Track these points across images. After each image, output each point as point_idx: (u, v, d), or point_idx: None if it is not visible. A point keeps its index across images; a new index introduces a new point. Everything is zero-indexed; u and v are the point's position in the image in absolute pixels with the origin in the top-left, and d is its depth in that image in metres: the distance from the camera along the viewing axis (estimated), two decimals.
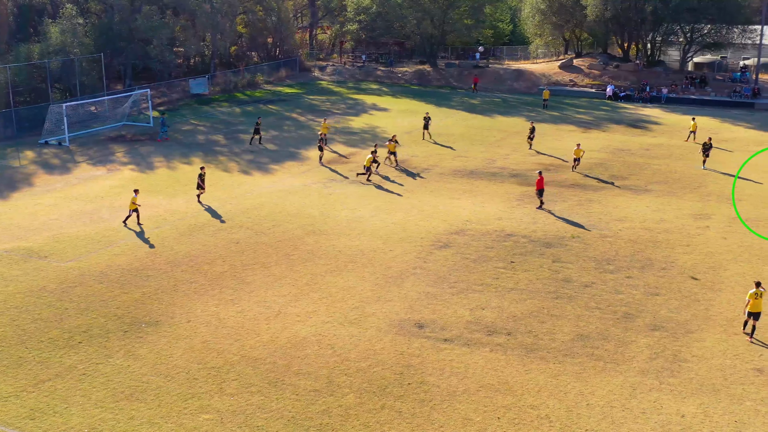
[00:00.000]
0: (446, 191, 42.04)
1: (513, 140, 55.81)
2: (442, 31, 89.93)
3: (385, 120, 63.56)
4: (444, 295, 28.24)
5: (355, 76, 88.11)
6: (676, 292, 28.68)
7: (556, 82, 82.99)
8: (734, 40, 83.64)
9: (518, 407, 20.92)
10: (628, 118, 66.20)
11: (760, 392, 21.74)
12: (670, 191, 42.40)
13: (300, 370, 22.71)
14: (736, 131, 60.48)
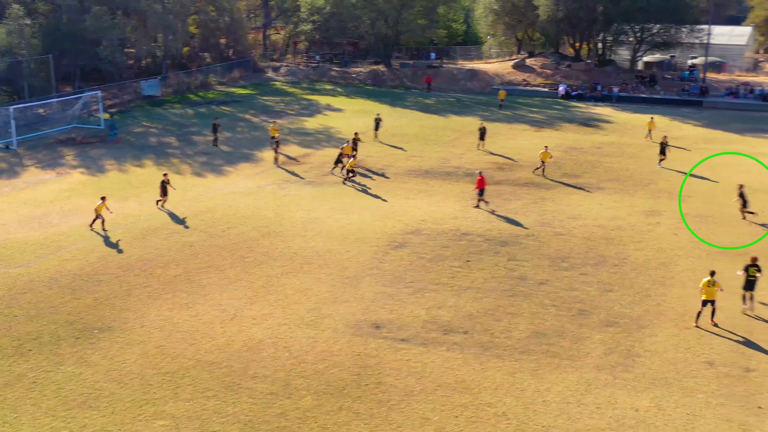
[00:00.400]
0: (401, 191, 42.08)
1: (467, 140, 56.08)
2: (396, 31, 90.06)
3: (339, 120, 63.41)
4: (400, 295, 28.24)
5: (310, 77, 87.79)
6: (629, 288, 29.06)
7: (509, 82, 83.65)
8: (682, 40, 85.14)
9: (475, 405, 20.99)
10: (580, 117, 66.99)
11: (711, 384, 22.12)
12: (622, 189, 42.99)
13: (256, 374, 22.51)
14: (686, 129, 61.57)
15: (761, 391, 21.77)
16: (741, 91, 77.09)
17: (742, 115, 69.36)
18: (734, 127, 62.91)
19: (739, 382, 22.28)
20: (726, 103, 74.13)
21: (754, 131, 61.10)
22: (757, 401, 21.27)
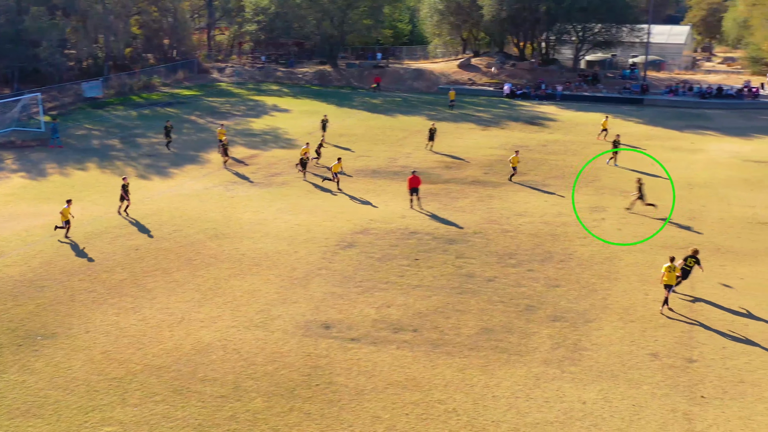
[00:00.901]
0: (350, 191, 42.06)
1: (415, 139, 56.33)
2: (342, 31, 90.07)
3: (286, 121, 63.16)
4: (350, 294, 28.23)
5: (255, 77, 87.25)
6: (575, 283, 29.49)
7: (455, 81, 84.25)
8: (623, 39, 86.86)
9: (426, 402, 21.10)
10: (525, 116, 67.80)
11: (655, 376, 22.57)
12: (568, 186, 43.62)
13: (205, 377, 22.28)
14: (627, 126, 62.73)
15: (704, 381, 22.28)
16: (680, 89, 78.85)
17: (681, 112, 70.96)
18: (674, 124, 64.34)
19: (682, 373, 22.77)
20: (666, 101, 75.77)
21: (694, 128, 62.56)
22: (699, 391, 21.77)
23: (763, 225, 36.61)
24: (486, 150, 52.82)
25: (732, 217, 37.85)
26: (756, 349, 24.20)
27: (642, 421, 20.24)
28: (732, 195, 41.86)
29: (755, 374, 22.68)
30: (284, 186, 43.02)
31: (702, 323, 26.05)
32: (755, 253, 32.87)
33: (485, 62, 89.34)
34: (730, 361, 23.49)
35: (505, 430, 19.83)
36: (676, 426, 20.05)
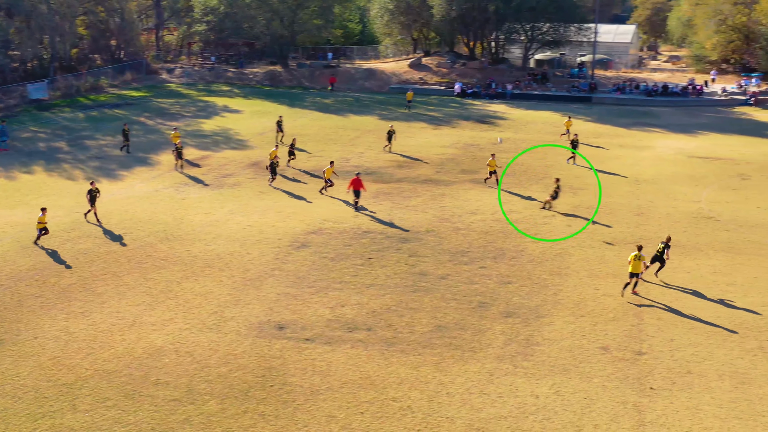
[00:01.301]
0: (302, 191, 41.94)
1: (367, 138, 56.39)
2: (292, 31, 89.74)
3: (237, 122, 62.71)
4: (303, 294, 28.17)
5: (205, 78, 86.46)
6: (526, 279, 29.83)
7: (406, 81, 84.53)
8: (571, 38, 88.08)
9: (381, 401, 21.16)
10: (476, 114, 68.31)
11: (606, 369, 22.96)
12: (518, 183, 44.08)
13: (158, 381, 22.04)
14: (576, 124, 63.39)
15: (653, 373, 22.73)
16: (627, 87, 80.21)
17: (628, 110, 72.18)
18: (622, 121, 65.42)
19: (632, 366, 23.19)
20: (613, 99, 77.00)
21: (641, 125, 63.70)
22: (649, 382, 22.20)
23: (707, 219, 37.45)
24: (438, 149, 53.11)
25: (678, 212, 38.65)
26: (702, 341, 24.75)
27: (593, 414, 20.58)
28: (678, 191, 42.74)
29: (702, 365, 23.20)
30: (236, 187, 42.72)
31: (651, 316, 26.56)
32: (700, 246, 33.61)
33: (436, 62, 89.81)
34: (678, 352, 23.99)
35: (459, 426, 19.99)
36: (627, 417, 20.42)
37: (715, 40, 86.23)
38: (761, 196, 41.56)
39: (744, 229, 35.98)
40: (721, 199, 40.99)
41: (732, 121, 66.61)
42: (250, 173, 45.81)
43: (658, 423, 20.19)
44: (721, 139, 57.89)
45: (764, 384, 22.13)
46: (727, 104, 75.37)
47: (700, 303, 27.70)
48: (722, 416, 20.51)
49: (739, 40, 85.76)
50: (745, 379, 22.41)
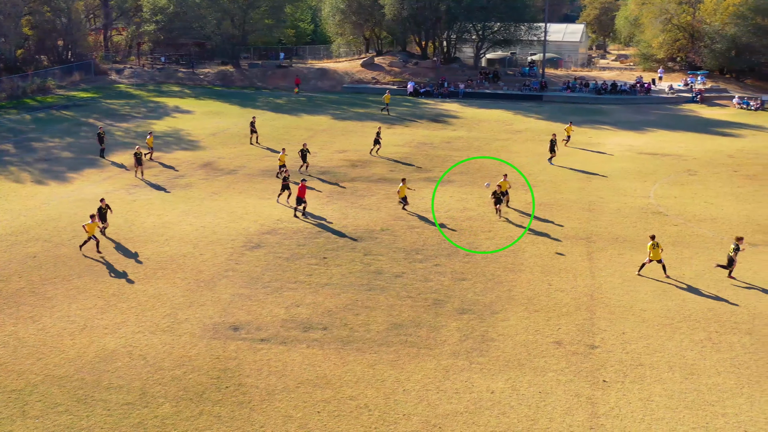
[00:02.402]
0: (256, 191, 41.70)
1: (320, 138, 56.26)
2: (243, 31, 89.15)
3: (189, 122, 62.08)
4: (258, 295, 28.00)
5: (155, 79, 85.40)
6: (480, 276, 30.04)
7: (359, 80, 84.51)
8: (521, 37, 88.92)
9: (337, 400, 21.12)
10: (429, 113, 68.59)
11: (560, 363, 23.23)
12: (472, 181, 44.37)
13: (111, 384, 21.70)
14: (528, 122, 64.28)
15: (605, 366, 23.06)
16: (577, 85, 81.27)
17: (578, 107, 73.15)
18: (572, 119, 66.12)
19: (585, 359, 23.50)
20: (564, 97, 77.98)
21: (591, 122, 64.59)
22: (602, 375, 22.51)
23: (656, 214, 38.12)
24: (391, 148, 53.19)
25: (628, 207, 39.27)
26: (653, 333, 25.18)
27: (548, 408, 20.80)
28: (628, 186, 43.42)
29: (653, 357, 23.61)
30: (188, 188, 42.27)
31: (602, 310, 26.96)
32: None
33: (388, 61, 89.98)
34: (630, 345, 24.38)
35: (416, 422, 20.05)
36: (581, 410, 20.69)
37: (662, 38, 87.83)
38: (708, 192, 42.46)
39: (691, 224, 36.71)
40: (670, 195, 41.76)
41: (679, 118, 67.90)
42: (202, 174, 45.38)
43: (612, 415, 20.49)
44: (669, 136, 58.98)
45: (713, 374, 22.60)
46: (674, 101, 76.83)
47: (651, 296, 28.19)
48: (673, 407, 20.89)
49: (684, 38, 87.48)
50: (695, 370, 22.85)
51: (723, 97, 77.26)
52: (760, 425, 19.99)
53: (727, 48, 79.80)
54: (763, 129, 62.08)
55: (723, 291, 28.64)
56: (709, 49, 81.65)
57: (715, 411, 20.68)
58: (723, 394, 21.50)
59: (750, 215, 38.01)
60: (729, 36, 79.03)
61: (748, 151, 53.36)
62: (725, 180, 45.10)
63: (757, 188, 43.18)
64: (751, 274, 30.38)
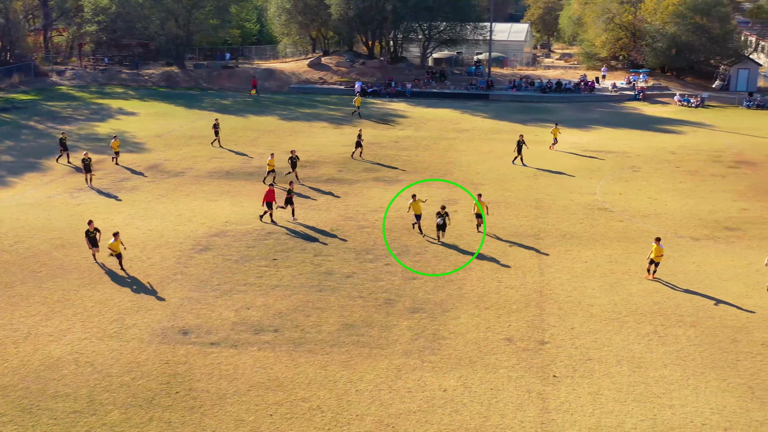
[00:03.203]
0: (203, 193, 41.23)
1: (268, 139, 55.87)
2: (188, 32, 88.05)
3: (134, 124, 61.07)
4: (207, 298, 27.68)
5: (98, 80, 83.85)
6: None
7: (306, 80, 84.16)
8: (467, 37, 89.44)
9: (290, 402, 21.00)
10: (377, 113, 68.62)
11: (510, 360, 23.44)
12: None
13: (57, 393, 21.24)
14: (475, 121, 64.71)
15: (555, 362, 23.35)
16: (522, 84, 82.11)
17: (524, 106, 73.89)
18: (519, 117, 66.91)
19: (535, 355, 23.76)
20: (510, 96, 78.73)
21: (536, 120, 65.29)
22: (552, 371, 22.79)
23: (602, 211, 38.72)
24: (340, 148, 53.08)
25: (575, 204, 39.81)
26: (601, 328, 25.58)
27: (500, 404, 20.97)
28: (574, 183, 44.02)
29: (601, 351, 23.98)
30: (134, 191, 41.59)
31: (551, 306, 27.28)
32: (596, 237, 34.73)
33: (335, 61, 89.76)
34: (578, 340, 24.73)
35: (369, 423, 20.04)
36: (532, 406, 20.90)
37: (604, 37, 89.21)
38: (651, 187, 43.27)
39: (636, 219, 37.38)
40: (615, 191, 42.46)
41: (622, 115, 69.09)
42: (148, 177, 44.69)
43: (562, 409, 20.75)
44: (613, 133, 59.96)
45: (659, 367, 23.04)
46: (617, 99, 78.13)
47: (598, 291, 28.62)
48: (621, 399, 21.24)
49: (626, 37, 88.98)
50: (642, 363, 23.27)
51: (664, 95, 78.82)
52: (705, 416, 20.45)
53: (668, 47, 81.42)
54: (703, 126, 63.54)
55: (668, 284, 29.21)
56: (651, 48, 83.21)
57: (663, 403, 21.09)
58: (670, 386, 21.94)
59: (692, 210, 38.86)
60: (669, 35, 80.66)
61: (689, 147, 54.55)
62: (668, 176, 46.03)
63: (698, 183, 44.18)
64: (694, 267, 31.07)
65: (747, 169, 48.02)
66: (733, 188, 43.15)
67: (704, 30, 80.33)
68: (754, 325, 25.90)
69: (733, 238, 34.68)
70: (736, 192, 42.36)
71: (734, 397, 21.38)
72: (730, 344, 24.53)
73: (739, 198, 41.17)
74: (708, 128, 62.34)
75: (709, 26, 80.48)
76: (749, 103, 73.34)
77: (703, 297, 28.18)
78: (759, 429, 19.87)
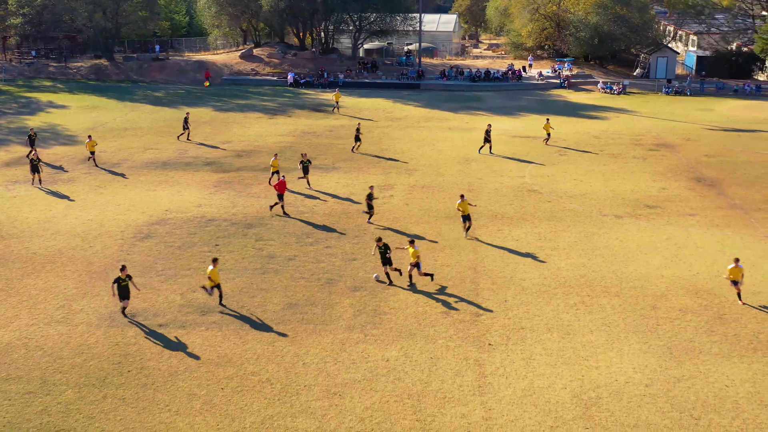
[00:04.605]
0: (141, 184, 41.51)
1: (203, 130, 56.16)
2: (117, 24, 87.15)
3: (65, 117, 60.54)
4: (153, 283, 28.28)
5: (24, 74, 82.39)
6: (370, 256, 31.18)
7: (238, 72, 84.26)
8: (397, 28, 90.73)
9: (240, 376, 21.90)
10: (310, 103, 69.35)
11: (448, 331, 24.76)
12: (356, 167, 45.59)
13: (9, 376, 21.69)
14: (407, 110, 66.02)
15: (490, 331, 24.74)
16: (452, 73, 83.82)
17: (454, 94, 75.57)
18: (449, 106, 68.49)
19: (471, 326, 25.12)
20: (440, 85, 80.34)
21: (466, 109, 66.97)
22: (487, 339, 24.18)
23: (530, 192, 40.43)
24: (275, 137, 53.78)
25: (505, 187, 41.44)
26: (532, 300, 27.10)
27: (439, 371, 22.26)
28: (504, 168, 45.68)
29: (533, 321, 25.49)
30: (71, 183, 41.61)
31: (485, 281, 28.71)
32: (526, 216, 36.37)
33: (267, 52, 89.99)
34: (511, 311, 26.19)
35: (317, 392, 21.09)
36: (469, 371, 22.24)
37: (530, 28, 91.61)
38: (577, 170, 45.22)
39: (563, 200, 39.18)
40: (543, 174, 44.26)
41: (549, 102, 71.31)
42: (84, 168, 44.68)
43: (498, 374, 22.14)
44: (540, 120, 61.87)
45: (586, 333, 24.65)
46: (544, 87, 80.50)
47: (529, 266, 30.19)
48: (552, 363, 22.76)
49: (551, 27, 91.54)
50: (570, 330, 24.85)
51: (588, 83, 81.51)
52: (629, 374, 22.10)
53: (591, 36, 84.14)
54: (624, 111, 66.14)
55: (593, 259, 30.98)
56: (574, 38, 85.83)
57: (590, 365, 22.67)
58: (596, 350, 23.56)
59: (615, 190, 40.88)
60: (592, 25, 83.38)
61: (612, 131, 56.89)
62: (592, 159, 48.11)
63: (620, 165, 46.34)
64: (618, 242, 32.92)
65: (666, 151, 50.48)
66: (653, 169, 45.42)
67: (625, 20, 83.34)
68: (672, 293, 27.77)
69: (654, 215, 36.74)
70: (655, 173, 44.63)
71: (655, 357, 23.10)
72: (651, 311, 26.31)
73: (658, 178, 43.41)
74: (629, 114, 64.96)
75: (629, 16, 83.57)
76: (668, 89, 76.49)
77: (626, 269, 29.99)
78: (677, 385, 21.59)
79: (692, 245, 32.60)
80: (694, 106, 68.91)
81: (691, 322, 25.45)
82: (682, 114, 64.61)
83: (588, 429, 19.53)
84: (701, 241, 33.04)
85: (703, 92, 76.58)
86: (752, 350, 23.56)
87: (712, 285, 28.35)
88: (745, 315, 25.95)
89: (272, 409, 20.29)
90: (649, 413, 20.17)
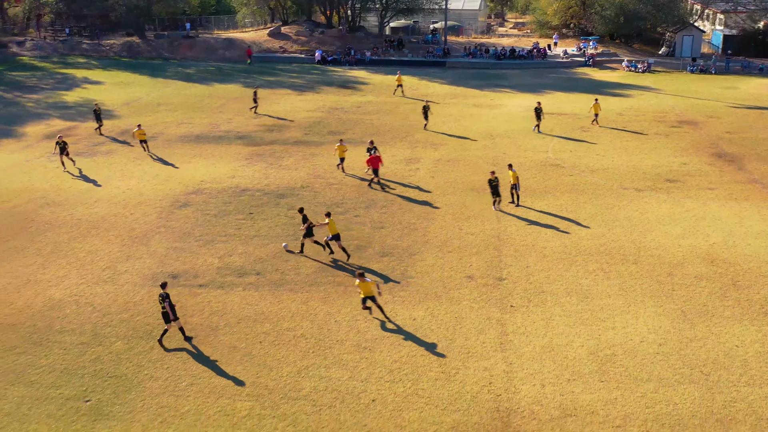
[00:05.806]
0: (176, 156, 43.07)
1: (234, 106, 57.61)
2: (148, 2, 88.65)
3: (101, 93, 62.27)
4: (191, 248, 29.83)
5: (59, 51, 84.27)
6: (397, 224, 32.60)
7: (267, 50, 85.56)
8: (423, 6, 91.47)
9: (276, 331, 23.39)
10: (338, 80, 70.56)
11: (472, 293, 26.07)
12: (384, 141, 46.81)
13: (63, 329, 23.35)
14: (433, 87, 67.04)
15: (512, 294, 26.03)
16: (478, 51, 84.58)
17: (480, 72, 76.40)
18: (475, 83, 69.42)
19: (494, 290, 26.42)
20: (466, 63, 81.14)
21: (492, 86, 67.87)
22: (509, 302, 25.47)
23: (554, 167, 41.48)
24: (304, 113, 55.12)
25: (529, 161, 42.51)
26: (553, 266, 28.30)
27: (464, 329, 23.61)
28: (528, 143, 46.70)
29: (553, 285, 26.71)
30: (109, 155, 43.30)
31: (508, 248, 29.95)
32: (548, 189, 37.48)
33: (295, 30, 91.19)
34: (533, 276, 27.44)
35: (348, 346, 22.54)
36: (492, 330, 23.57)
37: (556, 6, 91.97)
38: (599, 145, 46.14)
39: (585, 174, 40.20)
40: (566, 149, 45.24)
41: (573, 80, 71.95)
42: (121, 141, 46.33)
43: (519, 332, 23.45)
44: (564, 97, 62.77)
45: (604, 297, 25.85)
46: (569, 65, 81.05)
47: (551, 235, 31.37)
48: (570, 324, 24.02)
49: (576, 6, 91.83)
50: (588, 294, 26.07)
51: (613, 61, 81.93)
52: (643, 335, 23.31)
53: (616, 15, 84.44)
54: (648, 89, 66.69)
55: (613, 229, 32.08)
56: (600, 16, 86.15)
57: (606, 325, 23.91)
58: (613, 312, 24.77)
59: (636, 165, 41.80)
60: (617, 3, 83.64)
61: (636, 109, 57.59)
62: (615, 135, 48.96)
63: (642, 142, 47.17)
64: (638, 214, 33.96)
65: (688, 128, 51.21)
66: (675, 145, 46.24)
67: None
68: (689, 261, 28.85)
69: (674, 189, 37.69)
70: (677, 149, 45.46)
71: (669, 320, 24.28)
72: (667, 277, 27.44)
73: (680, 154, 44.26)
74: (653, 92, 65.52)
75: None
76: (693, 68, 76.79)
77: (645, 239, 31.08)
78: (689, 344, 22.78)
79: (710, 217, 33.58)
80: (718, 84, 69.29)
81: (705, 288, 26.56)
82: (706, 92, 65.07)
83: (603, 382, 20.82)
84: (719, 213, 34.01)
85: (728, 71, 76.80)
86: (764, 314, 24.65)
87: (728, 254, 29.39)
88: (758, 281, 27.01)
89: (307, 360, 21.78)
90: (662, 369, 21.40)
